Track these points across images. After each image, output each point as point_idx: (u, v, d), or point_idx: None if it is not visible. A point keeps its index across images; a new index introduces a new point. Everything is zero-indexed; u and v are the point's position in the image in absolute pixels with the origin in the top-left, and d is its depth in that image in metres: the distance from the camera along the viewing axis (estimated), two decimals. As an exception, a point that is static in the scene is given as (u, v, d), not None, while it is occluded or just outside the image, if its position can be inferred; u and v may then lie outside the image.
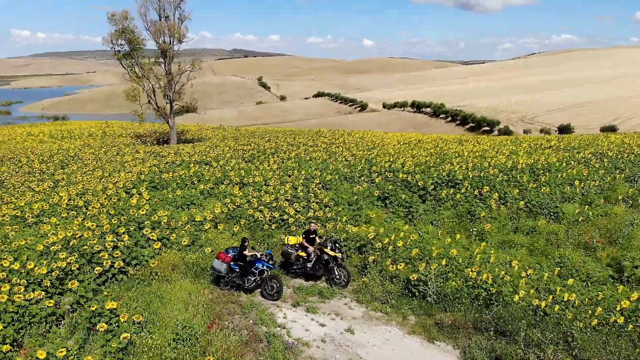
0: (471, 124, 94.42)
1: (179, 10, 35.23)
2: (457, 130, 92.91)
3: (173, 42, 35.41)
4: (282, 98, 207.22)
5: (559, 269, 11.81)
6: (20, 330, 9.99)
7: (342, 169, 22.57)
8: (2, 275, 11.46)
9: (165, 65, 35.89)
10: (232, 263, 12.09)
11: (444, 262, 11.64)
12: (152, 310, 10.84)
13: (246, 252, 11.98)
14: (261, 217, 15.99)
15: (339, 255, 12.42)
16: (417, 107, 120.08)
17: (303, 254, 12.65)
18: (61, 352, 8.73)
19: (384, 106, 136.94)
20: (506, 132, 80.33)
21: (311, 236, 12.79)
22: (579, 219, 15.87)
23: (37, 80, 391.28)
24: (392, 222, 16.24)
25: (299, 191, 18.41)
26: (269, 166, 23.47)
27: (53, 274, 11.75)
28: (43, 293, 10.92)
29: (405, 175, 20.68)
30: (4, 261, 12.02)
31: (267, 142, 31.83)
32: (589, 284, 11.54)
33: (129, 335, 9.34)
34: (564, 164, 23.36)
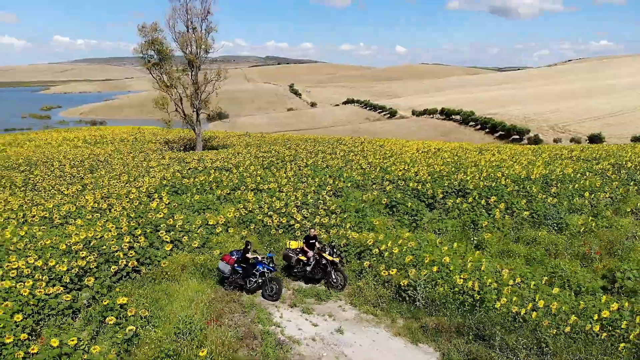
0: (500, 132, 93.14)
1: (205, 22, 36.74)
2: (486, 138, 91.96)
3: (200, 52, 36.88)
4: (313, 104, 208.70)
5: (546, 277, 12.13)
6: (40, 322, 11.00)
7: (356, 177, 23.14)
8: (27, 271, 12.55)
9: (192, 75, 37.37)
10: (235, 265, 12.87)
11: (434, 269, 12.13)
12: (159, 307, 11.75)
13: (249, 255, 12.76)
14: (270, 222, 16.77)
15: (336, 260, 13.07)
16: (447, 114, 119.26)
17: (303, 258, 13.34)
18: (72, 340, 9.67)
19: (413, 113, 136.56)
20: (536, 140, 79.02)
21: (311, 241, 13.46)
22: (580, 230, 16.05)
23: (77, 86, 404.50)
24: (396, 229, 16.79)
25: (309, 198, 19.13)
26: (285, 173, 24.27)
27: (72, 271, 12.76)
28: (62, 288, 11.90)
29: (416, 184, 21.12)
30: (29, 258, 13.13)
31: (288, 149, 32.69)
32: (576, 294, 11.83)
33: (134, 327, 10.25)
34: (579, 174, 23.35)
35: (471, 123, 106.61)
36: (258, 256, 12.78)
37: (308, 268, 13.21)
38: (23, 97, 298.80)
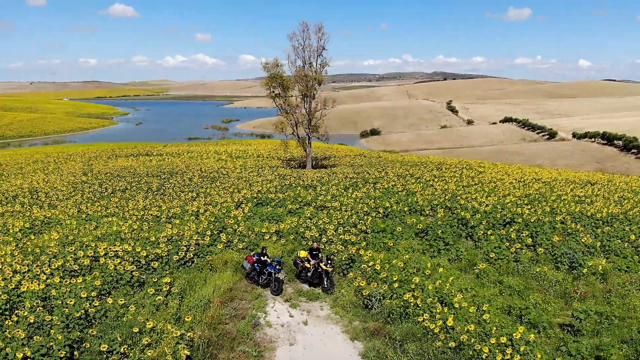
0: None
1: (320, 57, 41.68)
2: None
3: (314, 85, 41.89)
4: (469, 122, 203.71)
5: (489, 306, 13.65)
6: (115, 288, 16.15)
7: (420, 202, 25.30)
8: (121, 253, 18.02)
9: (305, 104, 42.59)
10: (255, 264, 16.76)
11: (395, 285, 14.55)
12: (193, 288, 16.17)
13: (263, 258, 16.57)
14: (308, 235, 20.31)
15: (330, 269, 16.14)
16: (608, 138, 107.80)
17: (308, 265, 16.67)
18: (121, 300, 14.51)
19: (574, 135, 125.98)
20: None
21: (314, 252, 16.74)
22: (584, 272, 16.59)
23: (256, 101, 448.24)
24: (416, 253, 18.95)
25: (354, 217, 22.16)
26: (356, 194, 27.42)
27: (150, 257, 17.94)
28: (135, 267, 17.03)
29: (464, 213, 22.69)
30: (125, 245, 18.66)
31: (378, 172, 35.62)
32: (525, 324, 13.23)
33: (162, 298, 14.76)
34: (653, 216, 22.44)
35: (633, 150, 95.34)
36: (268, 259, 16.51)
37: (309, 274, 16.49)
38: (209, 110, 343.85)
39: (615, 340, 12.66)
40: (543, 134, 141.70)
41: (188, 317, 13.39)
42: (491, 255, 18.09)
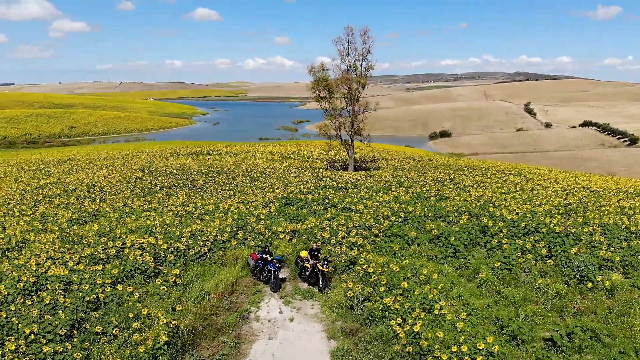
0: None
1: (366, 61, 41.98)
2: None
3: (358, 88, 42.24)
4: (547, 125, 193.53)
5: (466, 314, 13.60)
6: (132, 277, 17.64)
7: (447, 208, 25.11)
8: (145, 245, 19.60)
9: (348, 107, 43.04)
10: (258, 261, 17.68)
11: (382, 289, 14.85)
12: (199, 280, 17.36)
13: (265, 256, 17.45)
14: (319, 235, 20.92)
15: (326, 270, 16.71)
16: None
17: (307, 265, 17.35)
18: (130, 288, 15.94)
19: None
20: None
21: (313, 253, 17.37)
22: (589, 285, 15.99)
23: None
24: (412, 257, 18.92)
25: (370, 221, 22.47)
26: (384, 197, 27.59)
27: (169, 249, 19.39)
28: (152, 258, 18.50)
29: (488, 221, 22.32)
30: (150, 238, 20.23)
31: (417, 175, 35.39)
32: (505, 335, 13.15)
33: (165, 288, 16.05)
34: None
35: None
36: (268, 257, 17.37)
37: (307, 273, 17.16)
38: (283, 111, 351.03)
39: (595, 359, 12.29)
40: (624, 139, 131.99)
41: (179, 307, 14.54)
42: (496, 265, 17.80)
